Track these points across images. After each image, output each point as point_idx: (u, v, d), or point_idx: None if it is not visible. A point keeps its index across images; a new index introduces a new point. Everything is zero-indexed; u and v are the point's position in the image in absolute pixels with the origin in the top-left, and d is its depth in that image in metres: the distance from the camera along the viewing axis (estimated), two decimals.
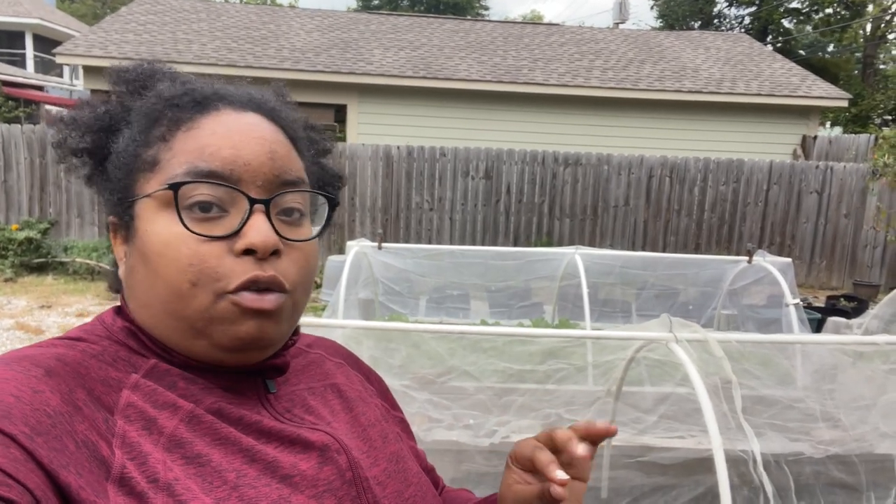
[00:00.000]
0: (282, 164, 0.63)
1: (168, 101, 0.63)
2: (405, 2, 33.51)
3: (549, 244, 9.00)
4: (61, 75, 21.24)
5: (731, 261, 5.00)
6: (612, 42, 13.49)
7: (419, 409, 2.52)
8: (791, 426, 2.60)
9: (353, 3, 34.05)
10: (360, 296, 4.74)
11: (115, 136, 0.65)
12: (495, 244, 9.15)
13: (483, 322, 5.04)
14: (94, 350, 0.58)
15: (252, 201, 0.60)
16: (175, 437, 0.55)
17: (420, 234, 9.24)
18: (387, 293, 5.11)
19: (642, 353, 2.33)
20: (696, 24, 27.89)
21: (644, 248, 9.30)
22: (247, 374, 0.64)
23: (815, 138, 11.00)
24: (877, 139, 9.59)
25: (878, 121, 21.35)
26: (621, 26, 17.22)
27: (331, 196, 0.69)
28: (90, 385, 0.54)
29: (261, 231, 0.59)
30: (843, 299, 7.38)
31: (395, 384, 2.44)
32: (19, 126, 8.75)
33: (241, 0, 28.05)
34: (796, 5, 25.65)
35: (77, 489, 0.47)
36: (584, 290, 4.43)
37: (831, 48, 26.55)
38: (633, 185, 9.35)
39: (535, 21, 27.67)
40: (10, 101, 13.45)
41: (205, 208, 0.59)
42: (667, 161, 9.33)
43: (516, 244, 9.18)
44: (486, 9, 36.18)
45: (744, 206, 9.41)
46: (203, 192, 0.59)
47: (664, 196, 9.39)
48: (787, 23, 26.77)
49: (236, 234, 0.59)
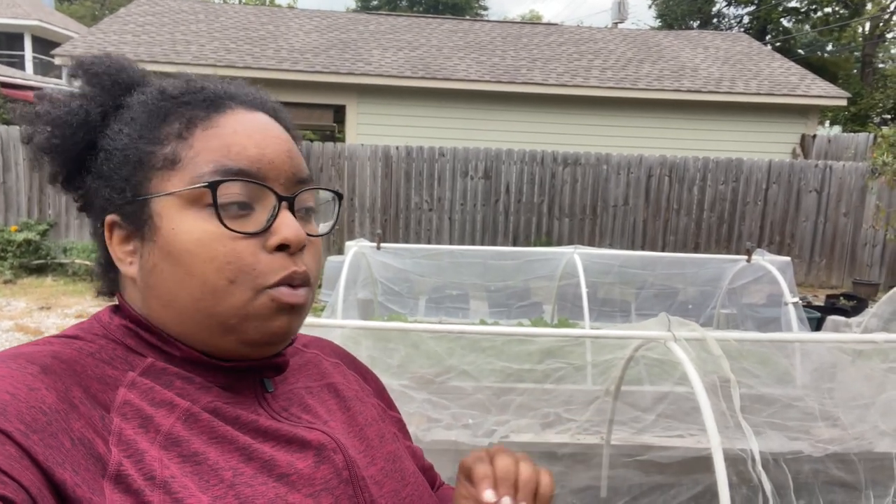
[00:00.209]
0: (297, 163, 0.66)
1: (176, 98, 0.63)
2: (404, 2, 33.52)
3: (549, 244, 9.00)
4: (60, 77, 21.24)
5: (731, 260, 4.99)
6: (610, 42, 13.49)
7: (418, 408, 2.52)
8: (790, 425, 2.61)
9: (352, 4, 34.08)
10: (359, 296, 4.73)
11: (99, 133, 0.63)
12: (494, 244, 9.14)
13: (482, 322, 5.04)
14: (90, 348, 0.58)
15: (280, 198, 0.62)
16: (172, 435, 0.55)
17: (419, 234, 9.23)
18: (386, 293, 5.11)
19: (641, 352, 2.33)
20: (695, 24, 27.90)
21: (643, 248, 9.30)
22: (245, 373, 0.64)
23: (815, 137, 11.00)
24: (876, 138, 9.58)
25: (878, 119, 21.35)
26: (620, 26, 17.22)
27: (339, 193, 0.72)
28: (86, 383, 0.54)
29: (292, 227, 0.61)
30: (842, 298, 7.38)
31: (394, 384, 2.44)
32: (18, 127, 8.74)
33: (240, 1, 28.09)
34: (795, 4, 25.67)
35: (73, 486, 0.47)
36: (583, 290, 4.43)
37: (830, 47, 26.58)
38: (632, 185, 9.34)
39: (533, 21, 27.68)
40: (8, 103, 13.43)
41: (241, 206, 0.60)
42: (666, 160, 9.33)
43: (515, 244, 9.18)
44: (485, 9, 36.21)
45: (743, 206, 9.41)
46: (235, 191, 0.60)
47: (663, 195, 9.38)
48: (785, 22, 26.79)
49: (266, 230, 0.61)
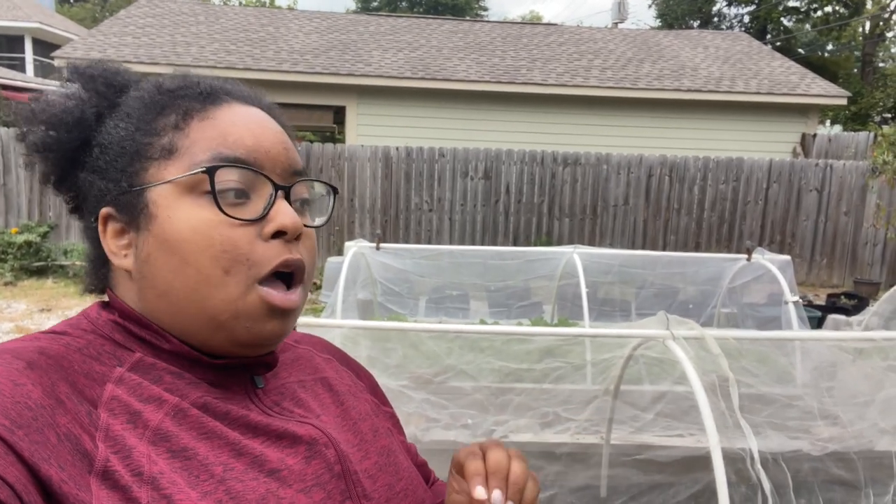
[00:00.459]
0: (293, 156, 0.66)
1: (172, 92, 0.65)
2: (404, 3, 33.54)
3: (549, 244, 8.99)
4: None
5: (731, 259, 4.98)
6: (610, 42, 13.48)
7: (417, 408, 2.52)
8: (790, 424, 2.60)
9: (352, 5, 34.10)
10: (358, 297, 4.73)
11: (93, 130, 0.63)
12: (495, 244, 9.13)
13: (482, 322, 5.04)
14: (78, 344, 0.58)
15: (277, 187, 0.62)
16: (160, 431, 0.54)
17: (420, 234, 9.23)
18: (386, 294, 5.10)
19: (640, 351, 2.32)
20: (695, 24, 27.89)
21: (644, 248, 9.28)
22: (235, 370, 0.64)
23: (815, 136, 10.99)
24: (876, 137, 9.57)
25: (878, 119, 21.34)
26: (620, 26, 17.23)
27: (334, 187, 0.72)
28: (73, 378, 0.54)
29: (288, 214, 0.61)
30: (843, 297, 7.37)
31: (393, 384, 2.43)
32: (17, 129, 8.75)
33: (240, 2, 28.12)
34: (795, 4, 25.65)
35: (59, 482, 0.46)
36: (583, 290, 4.43)
37: (830, 46, 26.57)
38: (632, 185, 9.34)
39: (533, 21, 27.67)
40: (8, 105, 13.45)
41: (237, 194, 0.61)
42: (666, 160, 9.32)
43: (516, 244, 9.17)
44: (485, 10, 36.22)
45: (744, 205, 9.39)
46: (232, 178, 0.60)
47: (664, 195, 9.37)
48: (786, 21, 26.78)
49: (263, 218, 0.61)
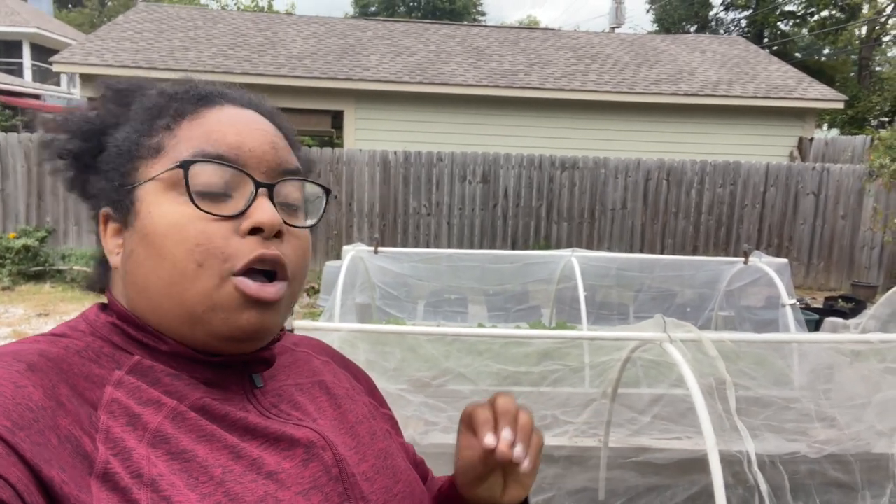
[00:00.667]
0: (283, 156, 0.66)
1: (171, 96, 0.66)
2: (402, 8, 33.60)
3: (548, 248, 8.99)
4: (59, 84, 21.29)
5: (728, 262, 4.99)
6: (607, 46, 13.52)
7: (415, 412, 2.52)
8: (787, 427, 2.60)
9: (350, 10, 34.16)
10: (357, 301, 4.73)
11: (107, 137, 0.66)
12: (493, 248, 9.13)
13: (480, 325, 5.04)
14: (77, 346, 0.58)
15: (258, 184, 0.62)
16: (160, 433, 0.54)
17: (418, 238, 9.23)
18: (384, 298, 5.10)
19: (637, 354, 2.33)
20: (692, 28, 27.97)
21: (642, 251, 9.29)
22: (233, 368, 0.64)
23: (812, 140, 11.02)
24: (873, 140, 9.61)
25: (875, 122, 21.39)
26: (617, 30, 17.30)
27: (327, 188, 0.72)
28: (73, 381, 0.54)
29: (266, 211, 0.61)
30: (840, 300, 7.37)
31: (391, 387, 2.43)
32: (16, 134, 8.76)
33: (238, 7, 28.15)
34: (792, 8, 25.73)
35: (60, 484, 0.47)
36: (581, 293, 4.43)
37: (827, 51, 26.64)
38: (630, 188, 9.35)
39: (531, 26, 27.73)
40: (6, 110, 13.46)
41: (214, 191, 0.61)
42: (664, 164, 9.34)
43: (514, 248, 9.17)
44: (483, 14, 36.32)
45: (741, 208, 9.41)
46: (211, 174, 0.61)
47: (661, 199, 9.39)
48: (783, 26, 26.85)
49: (242, 214, 0.61)
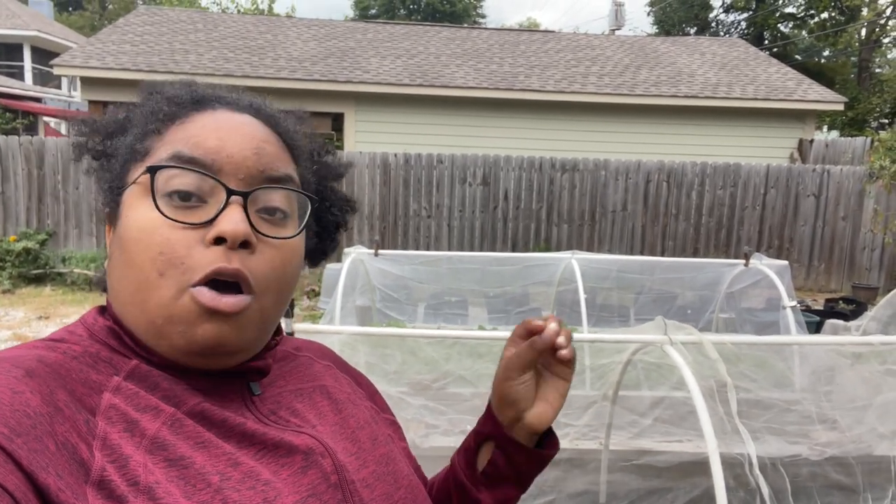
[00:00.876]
0: (268, 162, 0.63)
1: (169, 100, 0.66)
2: (402, 11, 33.65)
3: (548, 250, 8.98)
4: (59, 87, 21.31)
5: (728, 264, 4.99)
6: (608, 48, 13.53)
7: (415, 415, 2.52)
8: (788, 429, 2.60)
9: (350, 13, 34.22)
10: (357, 303, 4.72)
11: (123, 137, 0.67)
12: (493, 251, 9.11)
13: (481, 328, 5.03)
14: (74, 351, 0.58)
15: (230, 192, 0.60)
16: (157, 440, 0.54)
17: (418, 241, 9.23)
18: (384, 300, 5.09)
19: (638, 357, 2.32)
20: (692, 30, 27.99)
21: (642, 253, 9.28)
22: (229, 377, 0.63)
23: (812, 142, 11.02)
24: (873, 142, 9.61)
25: (875, 124, 21.41)
26: (617, 32, 17.31)
27: (311, 197, 0.68)
28: (71, 386, 0.53)
29: (232, 220, 0.58)
30: (841, 302, 7.37)
31: (391, 390, 2.43)
32: (17, 137, 8.77)
33: (239, 10, 28.18)
34: (792, 10, 25.75)
35: (56, 491, 0.46)
36: (581, 295, 4.42)
37: (827, 53, 26.65)
38: (630, 190, 9.35)
39: (531, 28, 27.76)
40: (7, 113, 13.48)
41: (183, 196, 0.59)
42: (664, 166, 9.34)
43: (514, 250, 9.16)
44: (483, 17, 36.38)
45: (741, 210, 9.41)
46: (181, 180, 0.59)
47: (662, 201, 9.38)
48: (782, 28, 26.87)
49: (210, 222, 0.58)
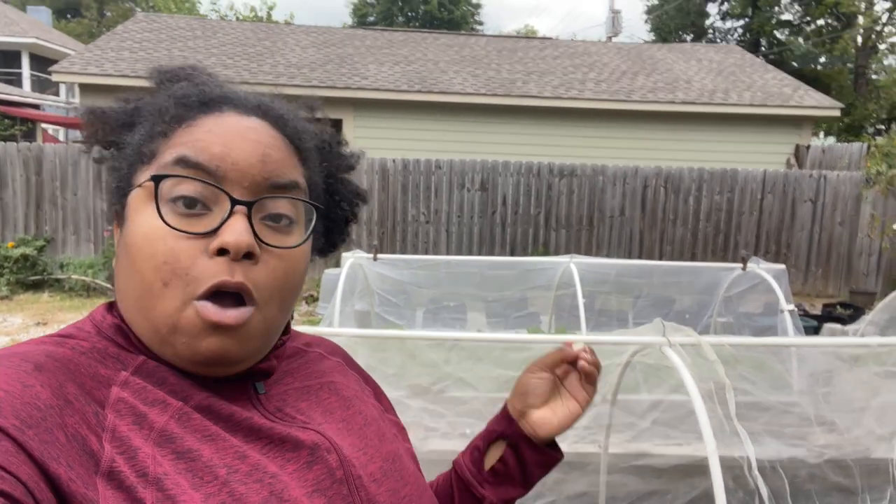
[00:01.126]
0: (274, 169, 0.62)
1: (178, 99, 0.64)
2: (400, 18, 33.77)
3: (546, 255, 8.97)
4: (58, 94, 21.32)
5: (726, 268, 4.99)
6: (605, 55, 13.59)
7: (414, 417, 2.52)
8: (787, 431, 2.60)
9: (349, 20, 34.32)
10: (356, 308, 4.72)
11: (131, 132, 0.66)
12: (492, 255, 9.10)
13: (479, 332, 5.03)
14: (83, 347, 0.58)
15: (234, 202, 0.59)
16: (165, 433, 0.55)
17: (417, 246, 9.24)
18: (383, 305, 5.09)
19: (637, 359, 2.33)
20: (689, 37, 28.12)
21: (640, 258, 9.29)
22: (234, 378, 0.64)
23: (809, 147, 11.06)
24: (869, 148, 9.64)
25: (871, 130, 21.50)
26: (614, 39, 17.39)
27: (317, 205, 0.67)
28: (80, 380, 0.54)
29: (235, 231, 0.57)
30: (839, 307, 7.38)
31: (391, 393, 2.41)
32: (15, 144, 8.78)
33: (237, 17, 28.26)
34: (788, 17, 25.91)
35: (67, 481, 0.47)
36: (580, 299, 4.42)
37: (823, 59, 26.77)
38: (628, 196, 9.37)
39: (528, 35, 27.85)
40: (6, 120, 13.48)
41: (188, 203, 0.59)
42: (661, 171, 9.37)
43: (513, 255, 9.16)
44: (481, 24, 36.50)
45: (738, 216, 9.43)
46: (186, 187, 0.59)
47: (659, 206, 9.41)
48: (779, 34, 27.00)
49: (213, 232, 0.58)
